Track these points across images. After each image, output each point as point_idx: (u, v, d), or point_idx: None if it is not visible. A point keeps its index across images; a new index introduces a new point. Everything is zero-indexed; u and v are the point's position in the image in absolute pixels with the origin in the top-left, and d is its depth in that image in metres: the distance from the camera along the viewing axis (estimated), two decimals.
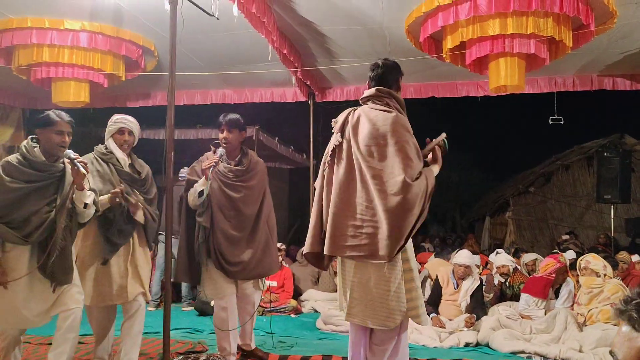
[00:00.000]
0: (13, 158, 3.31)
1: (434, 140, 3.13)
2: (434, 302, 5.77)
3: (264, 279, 4.32)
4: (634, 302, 1.08)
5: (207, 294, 4.13)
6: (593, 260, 5.50)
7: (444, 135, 3.11)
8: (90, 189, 3.48)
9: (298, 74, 7.06)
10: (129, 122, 3.98)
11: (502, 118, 14.87)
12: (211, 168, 3.95)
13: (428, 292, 6.21)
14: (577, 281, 5.80)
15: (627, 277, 6.53)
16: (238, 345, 4.30)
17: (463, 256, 5.83)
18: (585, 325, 5.07)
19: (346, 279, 3.11)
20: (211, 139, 8.77)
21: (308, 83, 7.67)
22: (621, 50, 6.51)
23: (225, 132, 4.07)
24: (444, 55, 5.52)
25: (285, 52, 6.23)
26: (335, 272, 7.37)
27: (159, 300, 6.89)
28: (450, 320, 5.61)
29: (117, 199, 3.68)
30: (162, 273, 7.10)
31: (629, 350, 1.04)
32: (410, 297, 3.00)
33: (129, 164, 3.94)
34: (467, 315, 5.52)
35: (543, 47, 5.17)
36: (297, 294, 7.18)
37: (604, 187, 9.73)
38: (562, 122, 7.90)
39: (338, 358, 4.51)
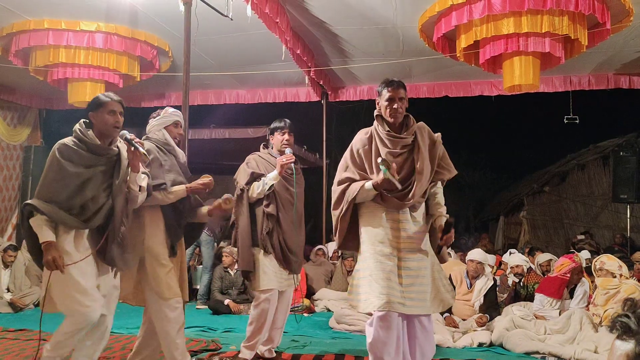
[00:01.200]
0: (69, 141, 3.15)
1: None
2: None
3: (298, 275, 4.39)
4: (619, 315, 1.19)
5: (259, 285, 4.08)
6: (608, 261, 5.45)
7: (378, 160, 3.21)
8: (143, 173, 3.39)
9: (311, 74, 7.08)
10: (181, 116, 3.99)
11: (517, 117, 14.78)
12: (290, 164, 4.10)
13: None
14: (592, 282, 5.75)
15: None
16: (257, 354, 4.26)
17: (475, 253, 5.86)
18: (601, 326, 5.03)
19: None
20: (225, 139, 8.86)
21: (321, 83, 7.69)
22: (638, 48, 6.45)
23: (287, 134, 4.27)
24: (458, 55, 5.51)
25: (298, 52, 6.24)
26: (348, 272, 7.43)
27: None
28: (463, 320, 5.59)
29: (207, 190, 3.63)
30: (210, 275, 7.13)
31: (617, 358, 1.16)
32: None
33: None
34: (479, 314, 5.50)
35: (558, 46, 5.13)
36: (309, 293, 7.20)
37: (620, 186, 9.62)
38: (577, 121, 7.83)
39: (350, 357, 4.51)
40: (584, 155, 13.20)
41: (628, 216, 9.89)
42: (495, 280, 5.98)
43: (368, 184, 3.19)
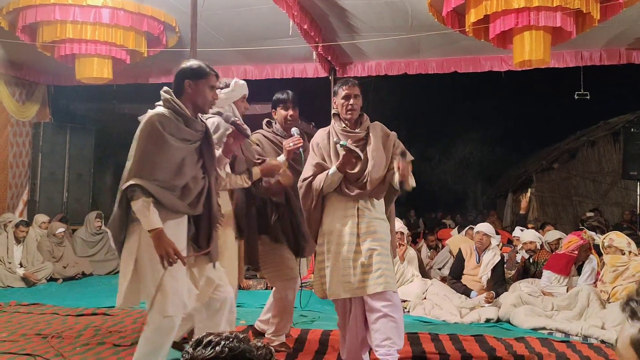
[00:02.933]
0: (165, 111, 2.77)
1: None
2: (457, 275, 5.85)
3: (309, 259, 4.25)
4: (630, 298, 1.19)
5: (276, 275, 3.87)
6: (617, 238, 5.44)
7: (335, 139, 3.49)
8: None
9: (319, 50, 7.02)
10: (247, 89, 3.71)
11: (527, 93, 14.63)
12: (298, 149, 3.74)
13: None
14: (601, 259, 5.75)
15: None
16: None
17: (482, 225, 5.94)
18: (609, 302, 5.04)
19: None
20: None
21: (329, 58, 7.62)
22: None
23: (291, 109, 3.91)
24: (467, 30, 5.43)
25: (306, 27, 6.18)
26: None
27: None
28: (464, 296, 5.69)
29: (277, 172, 3.48)
30: None
31: (622, 340, 1.17)
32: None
33: None
34: (487, 292, 5.54)
35: (569, 20, 5.05)
36: None
37: (630, 163, 9.56)
38: (588, 97, 7.74)
39: None
40: (594, 132, 13.08)
41: (638, 193, 9.84)
42: (502, 256, 6.01)
43: (332, 169, 3.40)
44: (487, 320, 5.11)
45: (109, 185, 11.24)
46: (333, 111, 3.60)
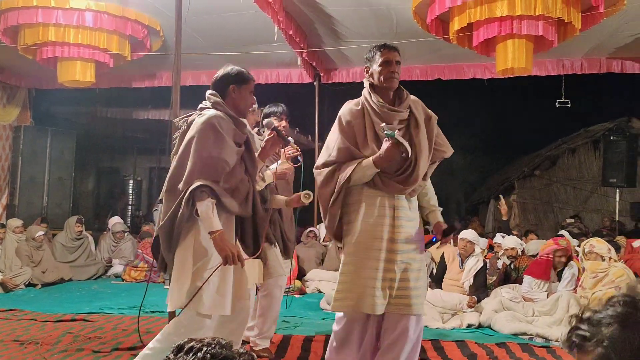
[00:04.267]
0: (220, 113, 2.81)
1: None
2: (437, 280, 5.87)
3: (292, 261, 4.36)
4: (569, 331, 1.10)
5: (267, 272, 3.96)
6: (597, 244, 5.50)
7: (385, 127, 2.80)
8: None
9: (304, 55, 7.03)
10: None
11: (509, 101, 14.76)
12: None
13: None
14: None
15: (627, 261, 6.55)
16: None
17: (466, 232, 5.97)
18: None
19: None
20: None
21: (314, 64, 7.64)
22: (631, 32, 6.44)
23: (284, 120, 4.06)
24: (451, 37, 5.48)
25: (291, 32, 6.19)
26: (339, 248, 7.46)
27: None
28: (452, 301, 5.69)
29: (288, 175, 3.55)
30: None
31: None
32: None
33: None
34: (470, 297, 5.57)
35: (551, 29, 5.12)
36: (300, 274, 7.23)
37: (609, 170, 9.68)
38: (569, 105, 7.85)
39: None
40: (575, 139, 13.26)
41: (617, 200, 9.96)
42: (485, 262, 6.05)
43: (367, 161, 2.82)
44: (469, 326, 5.14)
45: (91, 189, 11.14)
46: (367, 82, 2.99)
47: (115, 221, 8.84)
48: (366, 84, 2.98)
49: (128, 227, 10.11)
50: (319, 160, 3.02)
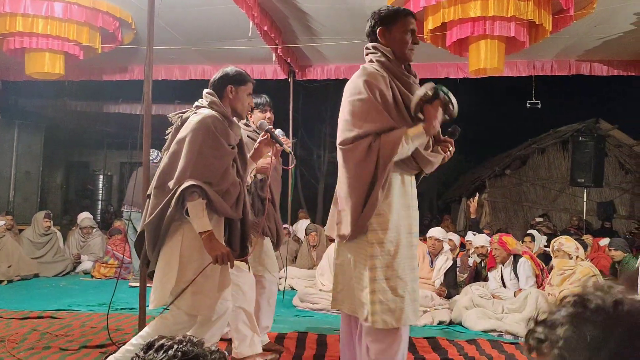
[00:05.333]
0: (215, 113, 2.78)
1: (417, 93, 2.52)
2: None
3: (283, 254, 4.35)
4: (526, 334, 1.08)
5: (265, 268, 3.96)
6: (566, 242, 5.61)
7: (430, 85, 2.47)
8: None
9: (278, 51, 7.00)
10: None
11: (481, 101, 14.97)
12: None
13: None
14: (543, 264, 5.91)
15: (593, 259, 6.70)
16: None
17: (434, 230, 6.05)
18: None
19: (332, 261, 2.83)
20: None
21: (288, 61, 7.61)
22: (599, 35, 6.58)
23: (268, 112, 4.00)
24: (425, 36, 5.51)
25: (266, 28, 6.15)
26: (312, 246, 7.46)
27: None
28: (424, 297, 5.74)
29: (270, 169, 3.51)
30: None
31: None
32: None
33: None
34: (439, 286, 5.67)
35: (523, 31, 5.19)
36: None
37: (578, 170, 9.89)
38: (539, 106, 7.98)
39: (314, 335, 4.55)
40: (545, 140, 13.51)
41: (584, 199, 10.20)
42: (455, 261, 6.12)
43: (414, 129, 2.41)
44: (440, 323, 5.19)
45: (59, 183, 10.93)
46: (381, 48, 2.57)
47: (84, 216, 8.68)
48: (381, 48, 2.57)
49: (98, 222, 9.94)
50: (345, 135, 2.49)
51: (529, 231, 7.99)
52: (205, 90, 2.93)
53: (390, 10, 2.61)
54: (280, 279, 4.29)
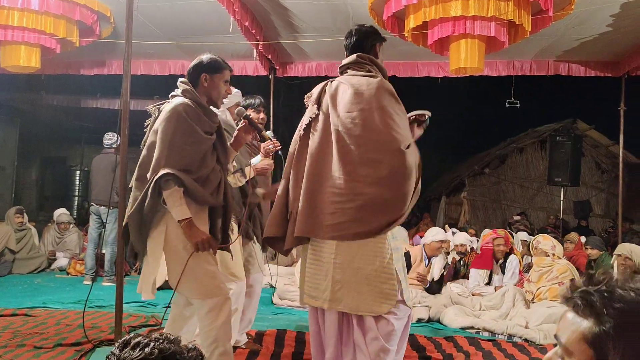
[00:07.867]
0: (188, 102, 2.77)
1: (412, 114, 3.04)
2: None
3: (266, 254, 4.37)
4: (580, 289, 1.11)
5: (246, 268, 3.96)
6: (543, 241, 5.70)
7: (427, 114, 3.07)
8: None
9: (259, 48, 6.96)
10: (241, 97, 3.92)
11: (461, 100, 15.08)
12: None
13: None
14: (527, 259, 5.99)
15: (573, 257, 6.80)
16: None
17: (436, 232, 6.02)
18: (533, 302, 5.26)
19: (323, 261, 2.79)
20: None
21: (269, 57, 7.57)
22: (578, 36, 6.66)
23: (261, 112, 4.03)
24: (406, 35, 5.53)
25: (247, 24, 6.11)
26: None
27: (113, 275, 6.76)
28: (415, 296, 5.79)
29: (269, 171, 3.53)
30: (95, 246, 6.94)
31: (571, 334, 1.09)
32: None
33: None
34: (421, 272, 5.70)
35: (503, 30, 5.23)
36: None
37: (555, 170, 10.01)
38: (518, 106, 8.05)
39: (293, 332, 4.55)
40: (523, 139, 13.67)
41: (561, 199, 10.33)
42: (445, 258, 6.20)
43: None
44: (419, 320, 5.22)
45: (35, 179, 10.73)
46: (378, 60, 3.07)
47: (60, 212, 8.54)
48: (380, 62, 3.03)
49: (74, 218, 9.80)
50: (402, 140, 2.84)
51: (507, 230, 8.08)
52: (180, 80, 2.91)
53: (375, 30, 3.19)
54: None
